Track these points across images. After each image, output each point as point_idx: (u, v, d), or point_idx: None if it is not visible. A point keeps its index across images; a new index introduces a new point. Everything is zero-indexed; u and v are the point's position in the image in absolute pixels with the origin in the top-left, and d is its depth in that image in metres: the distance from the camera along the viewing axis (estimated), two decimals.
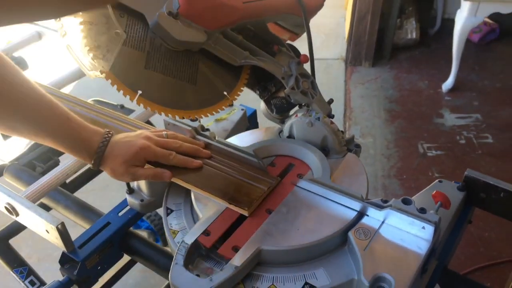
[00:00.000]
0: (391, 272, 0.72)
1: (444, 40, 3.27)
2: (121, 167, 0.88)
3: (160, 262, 0.96)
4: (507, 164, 2.25)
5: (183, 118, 0.93)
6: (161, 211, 0.92)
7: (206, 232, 0.81)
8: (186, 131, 0.96)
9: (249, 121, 1.23)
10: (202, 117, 0.94)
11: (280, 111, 0.99)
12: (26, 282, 1.09)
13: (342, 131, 0.96)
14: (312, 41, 0.95)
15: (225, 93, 0.94)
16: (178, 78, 0.90)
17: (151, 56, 0.86)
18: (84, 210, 1.07)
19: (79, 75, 1.40)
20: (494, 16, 2.84)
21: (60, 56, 1.00)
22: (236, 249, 0.78)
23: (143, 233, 1.82)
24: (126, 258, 1.31)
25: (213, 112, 0.95)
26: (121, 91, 0.84)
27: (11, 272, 1.10)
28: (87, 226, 1.04)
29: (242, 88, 0.98)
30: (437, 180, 0.93)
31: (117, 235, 0.97)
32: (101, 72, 0.80)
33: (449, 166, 2.31)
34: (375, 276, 0.72)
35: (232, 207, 0.84)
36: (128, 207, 1.02)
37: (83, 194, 1.26)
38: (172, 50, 0.88)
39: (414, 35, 3.26)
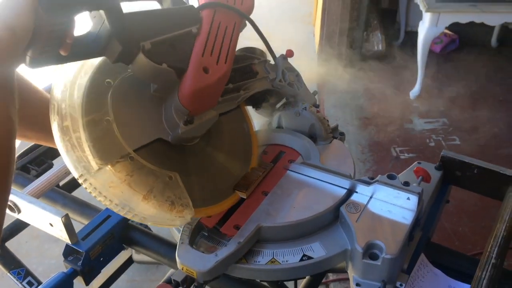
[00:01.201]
0: (382, 239, 0.79)
1: (408, 51, 3.44)
2: None
3: (160, 250, 1.00)
4: None
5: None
6: None
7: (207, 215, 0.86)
8: None
9: None
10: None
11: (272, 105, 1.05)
12: (24, 283, 1.11)
13: (327, 119, 1.03)
14: (265, 37, 0.96)
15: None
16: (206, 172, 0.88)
17: (187, 171, 0.84)
18: (83, 207, 1.10)
19: None
20: (454, 28, 3.01)
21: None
22: (237, 227, 0.83)
23: None
24: (118, 262, 1.34)
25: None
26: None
27: (8, 273, 1.11)
28: (86, 222, 1.07)
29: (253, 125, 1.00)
30: (416, 162, 1.01)
31: (118, 227, 1.00)
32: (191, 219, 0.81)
33: None
34: (367, 243, 0.79)
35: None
36: None
37: (78, 196, 1.28)
38: (186, 148, 0.86)
39: (380, 47, 3.41)
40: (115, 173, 0.72)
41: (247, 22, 0.90)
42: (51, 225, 0.94)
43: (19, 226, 1.25)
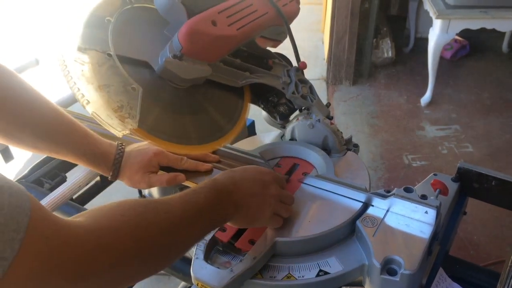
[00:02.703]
0: (400, 254, 0.78)
1: (419, 58, 3.42)
2: (137, 174, 0.92)
3: (174, 263, 0.99)
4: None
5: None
6: None
7: (222, 228, 0.85)
8: None
9: (248, 130, 1.29)
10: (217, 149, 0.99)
11: (283, 117, 1.04)
12: None
13: (341, 132, 1.02)
14: (296, 44, 1.02)
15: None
16: (187, 114, 0.91)
17: (162, 99, 0.88)
18: None
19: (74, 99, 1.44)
20: (464, 34, 2.99)
21: (57, 82, 1.02)
22: (252, 242, 0.82)
23: None
24: None
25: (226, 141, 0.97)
26: (148, 140, 0.86)
27: None
28: None
29: (248, 107, 1.03)
30: (432, 174, 1.00)
31: None
32: (131, 131, 0.80)
33: None
34: (385, 258, 0.77)
35: None
36: None
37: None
38: (177, 88, 0.90)
39: (390, 54, 3.40)
40: (88, 58, 0.80)
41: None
42: None
43: None
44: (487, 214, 2.10)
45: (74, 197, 1.24)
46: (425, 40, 2.95)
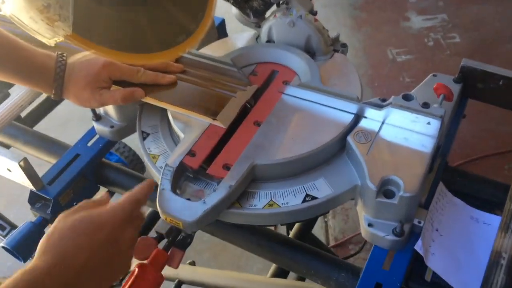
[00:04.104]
0: (398, 174, 0.67)
1: None
2: (85, 91, 0.77)
3: None
4: None
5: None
6: (130, 141, 0.83)
7: (191, 153, 0.72)
8: None
9: (218, 32, 1.12)
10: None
11: (258, 14, 0.88)
12: None
13: (326, 29, 0.86)
14: None
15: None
16: (140, 13, 0.72)
17: None
18: (48, 143, 0.96)
19: None
20: None
21: None
22: (227, 167, 0.70)
23: None
24: None
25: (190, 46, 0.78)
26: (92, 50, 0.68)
27: None
28: (53, 161, 0.93)
29: (215, 1, 0.84)
30: (431, 74, 0.87)
31: (89, 166, 0.88)
32: (64, 37, 0.63)
33: (419, 69, 2.27)
34: (381, 179, 0.67)
35: (214, 122, 0.75)
36: (97, 136, 0.91)
37: (42, 130, 1.14)
38: None
39: None
40: None
41: None
42: (9, 170, 0.80)
43: None
44: (472, 108, 2.02)
45: (22, 116, 1.10)
46: None
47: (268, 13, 0.90)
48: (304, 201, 0.69)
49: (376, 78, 2.25)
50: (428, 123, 0.70)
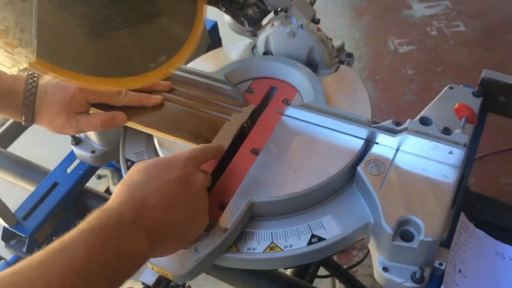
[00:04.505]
0: (418, 213, 0.58)
1: None
2: (59, 117, 0.68)
3: None
4: (481, 53, 2.12)
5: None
6: None
7: None
8: None
9: (210, 37, 1.02)
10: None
11: (253, 22, 0.78)
12: None
13: (330, 38, 0.77)
14: None
15: None
16: (121, 29, 0.62)
17: (74, 10, 0.58)
18: (23, 167, 0.88)
19: None
20: None
21: None
22: (222, 206, 0.62)
23: (105, 172, 1.64)
24: None
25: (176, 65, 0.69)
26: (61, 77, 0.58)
27: None
28: (30, 187, 0.85)
29: (205, 10, 0.74)
30: (447, 87, 0.78)
31: (69, 196, 0.79)
32: (29, 64, 0.54)
33: (422, 61, 2.17)
34: (399, 219, 0.58)
35: None
36: (77, 161, 0.83)
37: (17, 149, 1.04)
38: None
39: None
40: None
41: None
42: None
43: None
44: None
45: None
46: None
47: (264, 21, 0.80)
48: (309, 243, 0.61)
49: (378, 71, 2.15)
50: (450, 152, 0.62)
